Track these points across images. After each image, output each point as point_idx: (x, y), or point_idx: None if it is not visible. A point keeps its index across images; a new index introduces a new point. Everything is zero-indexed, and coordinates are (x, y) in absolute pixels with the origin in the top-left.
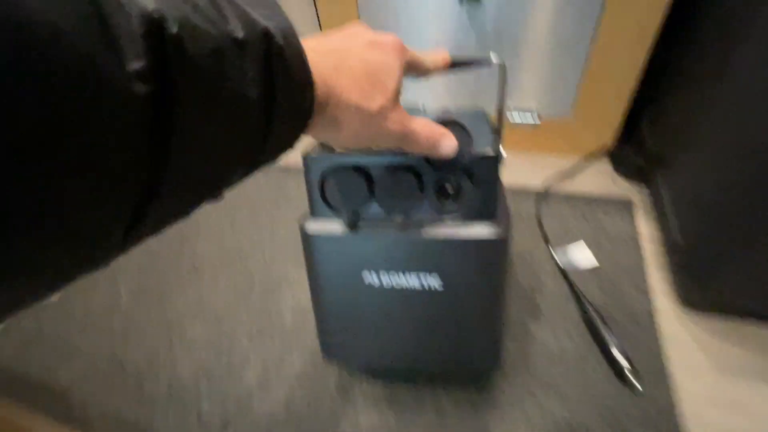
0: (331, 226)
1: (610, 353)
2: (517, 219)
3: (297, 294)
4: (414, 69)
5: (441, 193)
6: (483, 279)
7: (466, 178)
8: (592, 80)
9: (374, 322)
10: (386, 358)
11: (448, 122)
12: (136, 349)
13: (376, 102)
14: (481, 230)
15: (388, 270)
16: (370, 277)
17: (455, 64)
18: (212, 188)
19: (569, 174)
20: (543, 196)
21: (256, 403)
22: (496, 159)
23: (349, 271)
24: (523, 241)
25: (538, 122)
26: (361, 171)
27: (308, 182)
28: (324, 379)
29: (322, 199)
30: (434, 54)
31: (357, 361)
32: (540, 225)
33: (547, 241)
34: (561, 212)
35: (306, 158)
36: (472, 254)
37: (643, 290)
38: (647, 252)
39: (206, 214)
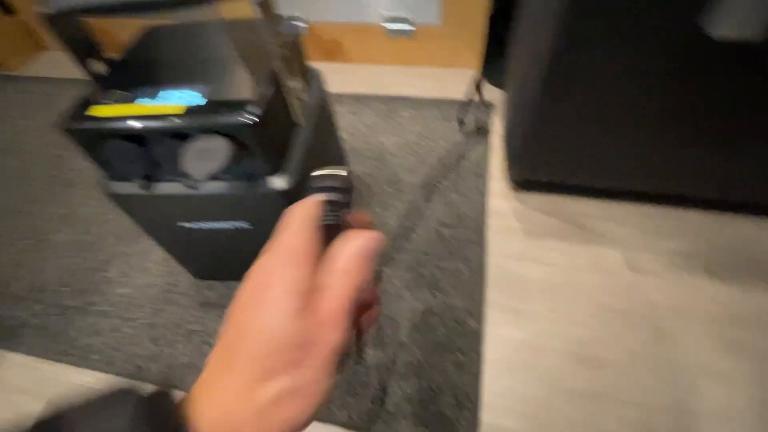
0: (128, 187)
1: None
2: (393, 120)
3: None
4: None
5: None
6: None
7: (229, 144)
8: None
9: (205, 250)
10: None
11: None
12: (2, 255)
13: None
14: (269, 182)
15: (198, 220)
16: (186, 224)
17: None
18: None
19: (442, 82)
20: (415, 102)
21: (116, 289)
22: (255, 126)
23: (165, 221)
24: (392, 142)
25: (412, 29)
26: (134, 139)
27: (83, 153)
28: (179, 269)
29: (106, 167)
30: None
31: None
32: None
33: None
34: (427, 116)
35: (61, 129)
36: (266, 203)
37: (480, 175)
38: (494, 146)
39: None
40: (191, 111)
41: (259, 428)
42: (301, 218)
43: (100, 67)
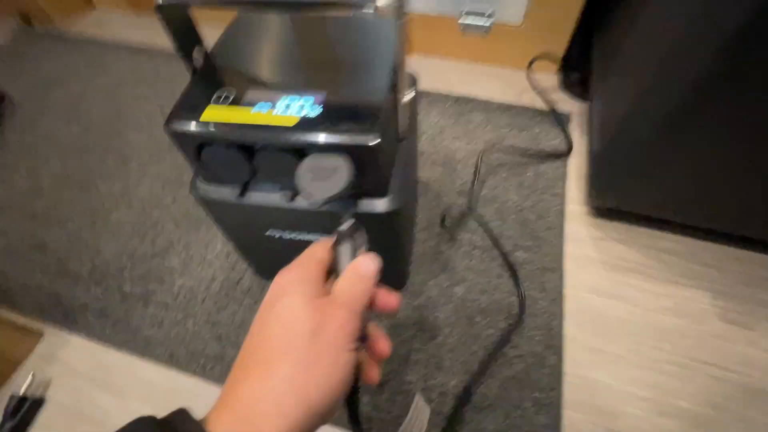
0: (221, 192)
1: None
2: (462, 124)
3: None
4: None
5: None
6: (379, 242)
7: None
8: None
9: (280, 255)
10: None
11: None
12: (59, 230)
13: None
14: (370, 204)
15: (287, 230)
16: (273, 233)
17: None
18: None
19: (513, 85)
20: (486, 105)
21: (177, 280)
22: (378, 147)
23: (251, 227)
24: (461, 148)
25: (488, 25)
26: (242, 148)
27: (184, 153)
28: (241, 266)
29: (203, 170)
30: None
31: None
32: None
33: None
34: (500, 123)
35: (172, 131)
36: (363, 223)
37: (558, 195)
38: (572, 164)
39: (137, 103)
40: (306, 122)
41: (277, 411)
42: (308, 253)
43: (199, 58)
